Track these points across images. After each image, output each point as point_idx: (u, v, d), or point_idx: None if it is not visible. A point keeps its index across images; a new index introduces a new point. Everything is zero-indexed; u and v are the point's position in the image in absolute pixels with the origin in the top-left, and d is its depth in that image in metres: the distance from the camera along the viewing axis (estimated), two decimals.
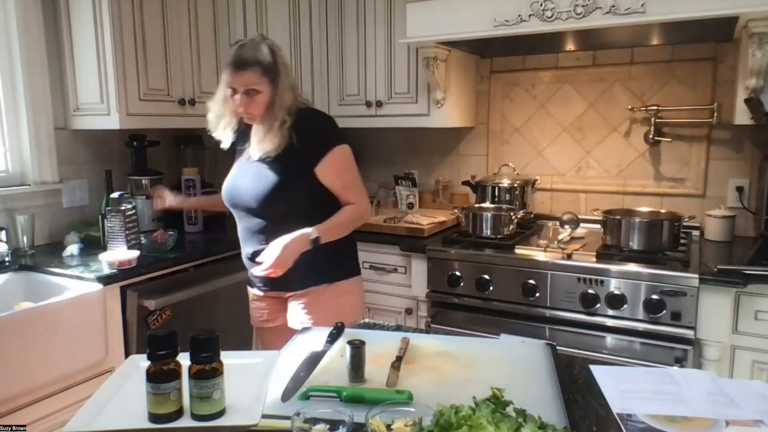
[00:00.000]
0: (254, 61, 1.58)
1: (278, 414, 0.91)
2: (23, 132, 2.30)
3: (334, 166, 1.67)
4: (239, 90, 1.60)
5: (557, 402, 0.95)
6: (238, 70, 1.58)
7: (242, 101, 1.60)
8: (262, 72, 1.59)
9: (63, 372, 1.78)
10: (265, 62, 1.59)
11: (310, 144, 1.64)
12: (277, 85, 1.61)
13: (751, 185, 2.35)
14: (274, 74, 1.61)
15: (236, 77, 1.59)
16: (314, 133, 1.67)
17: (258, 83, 1.59)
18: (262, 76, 1.59)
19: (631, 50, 2.52)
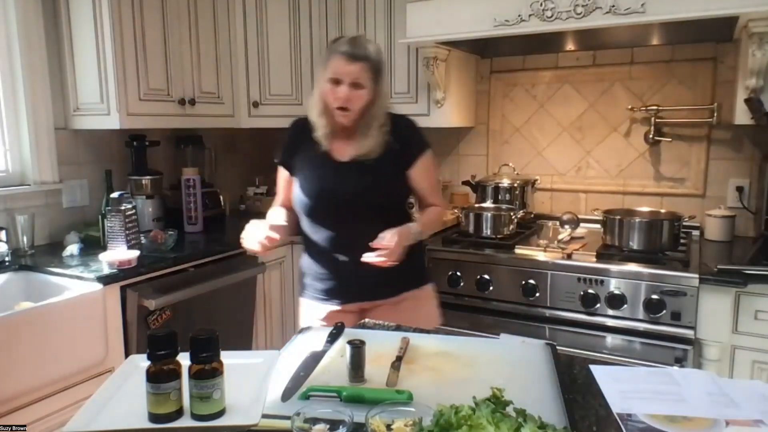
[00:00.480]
0: (365, 55, 1.57)
1: (278, 414, 0.91)
2: (23, 132, 2.30)
3: (426, 168, 1.71)
4: (345, 81, 1.56)
5: (557, 402, 0.95)
6: (351, 60, 1.55)
7: (347, 93, 1.56)
8: (371, 68, 1.58)
9: (63, 372, 1.78)
10: (374, 59, 1.59)
11: (407, 146, 1.67)
12: (379, 85, 1.62)
13: (751, 185, 2.35)
14: (378, 73, 1.61)
15: (347, 67, 1.55)
16: (410, 135, 1.70)
17: (364, 78, 1.57)
18: (369, 72, 1.58)
19: (631, 50, 2.52)
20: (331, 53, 1.59)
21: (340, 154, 1.65)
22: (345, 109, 1.58)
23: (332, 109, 1.60)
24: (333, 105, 1.59)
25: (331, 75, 1.57)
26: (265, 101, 2.83)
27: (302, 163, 1.71)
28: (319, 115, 1.65)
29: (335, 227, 1.66)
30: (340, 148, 1.66)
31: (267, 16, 2.77)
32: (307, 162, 1.70)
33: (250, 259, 2.47)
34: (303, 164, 1.71)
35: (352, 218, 1.62)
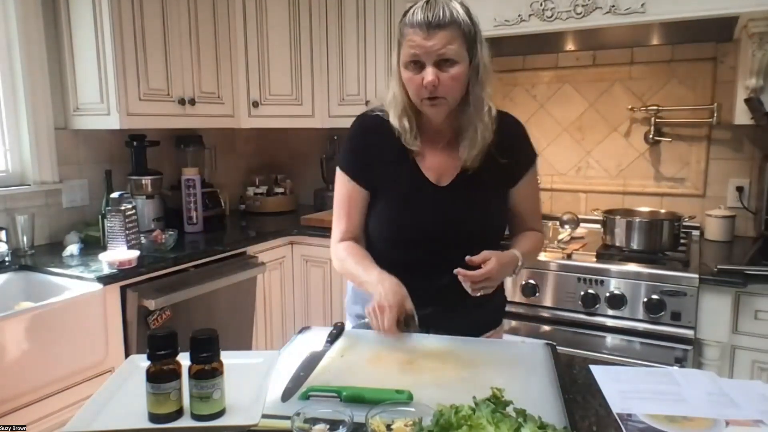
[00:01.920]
0: (450, 19, 1.15)
1: (278, 414, 0.91)
2: (23, 132, 2.30)
3: (532, 185, 1.37)
4: (429, 60, 1.16)
5: (557, 402, 0.95)
6: (432, 30, 1.14)
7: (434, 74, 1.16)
8: (462, 35, 1.17)
9: (63, 372, 1.78)
10: (463, 21, 1.17)
11: (513, 156, 1.29)
12: (477, 58, 1.21)
13: (751, 185, 2.35)
14: (474, 41, 1.20)
15: (428, 41, 1.14)
16: (518, 142, 1.34)
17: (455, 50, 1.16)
18: (460, 40, 1.17)
19: (631, 50, 2.52)
20: (404, 28, 1.19)
21: (438, 173, 1.29)
22: (436, 97, 1.19)
23: (419, 103, 1.22)
24: (420, 96, 1.20)
25: (409, 57, 1.18)
26: (265, 101, 2.83)
27: (385, 180, 1.31)
28: (401, 116, 1.27)
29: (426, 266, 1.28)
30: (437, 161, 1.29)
31: (267, 16, 2.77)
32: (394, 181, 1.30)
33: (250, 259, 2.47)
34: (386, 181, 1.31)
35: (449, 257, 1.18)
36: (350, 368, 1.10)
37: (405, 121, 1.26)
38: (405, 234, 1.30)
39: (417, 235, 1.29)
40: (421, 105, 1.22)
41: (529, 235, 1.36)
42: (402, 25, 1.20)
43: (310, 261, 2.72)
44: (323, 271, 2.69)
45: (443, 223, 1.28)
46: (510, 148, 1.28)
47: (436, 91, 1.18)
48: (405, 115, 1.26)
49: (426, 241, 1.28)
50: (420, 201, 1.29)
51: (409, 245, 1.30)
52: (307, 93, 2.87)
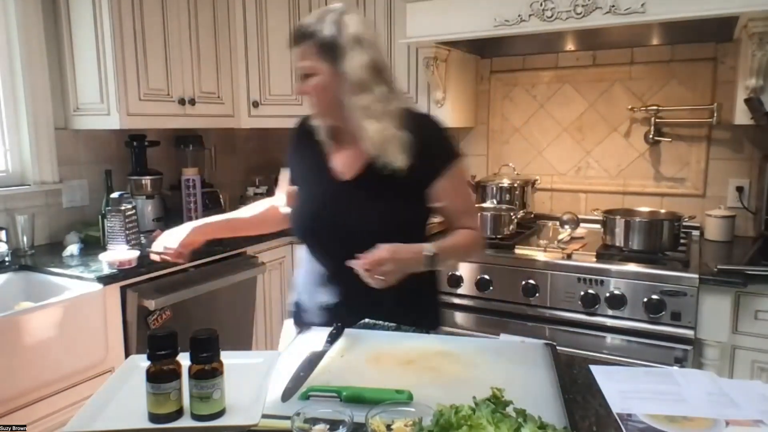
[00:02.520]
0: (306, 32, 1.26)
1: (278, 414, 0.91)
2: (23, 132, 2.30)
3: (455, 184, 1.36)
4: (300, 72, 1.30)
5: (557, 402, 0.95)
6: (294, 45, 1.29)
7: (299, 85, 1.30)
8: (316, 45, 1.26)
9: (63, 372, 1.78)
10: (319, 34, 1.26)
11: (430, 156, 1.32)
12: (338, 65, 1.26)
13: (751, 185, 2.35)
14: (330, 50, 1.26)
15: (294, 55, 1.30)
16: (436, 141, 1.36)
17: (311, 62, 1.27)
18: (315, 51, 1.26)
19: (631, 50, 2.52)
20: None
21: (345, 167, 1.36)
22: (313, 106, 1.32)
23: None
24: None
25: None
26: (265, 101, 2.83)
27: (302, 174, 1.45)
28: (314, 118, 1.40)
29: (332, 259, 1.36)
30: (346, 155, 1.36)
31: (267, 16, 2.77)
32: (307, 173, 1.43)
33: (250, 259, 2.47)
34: (302, 175, 1.44)
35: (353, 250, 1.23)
36: (350, 368, 1.10)
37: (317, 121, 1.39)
38: (306, 224, 1.39)
39: (316, 226, 1.36)
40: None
41: (458, 232, 1.38)
42: None
43: None
44: None
45: (342, 215, 1.33)
46: (423, 149, 1.30)
47: (307, 100, 1.31)
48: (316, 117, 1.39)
49: (326, 233, 1.35)
50: (321, 193, 1.37)
51: (313, 237, 1.39)
52: None
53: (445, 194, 1.35)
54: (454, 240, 1.36)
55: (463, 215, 1.41)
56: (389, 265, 1.20)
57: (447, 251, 1.32)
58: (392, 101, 1.30)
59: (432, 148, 1.34)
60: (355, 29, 1.26)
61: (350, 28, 1.26)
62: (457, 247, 1.37)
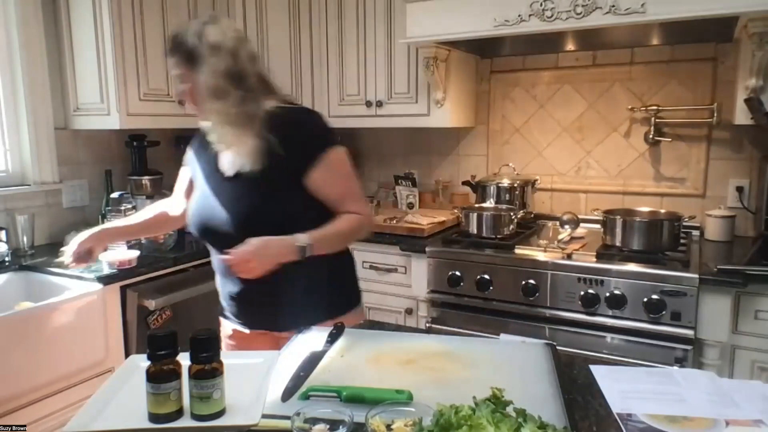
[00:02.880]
0: (174, 45, 1.38)
1: (278, 414, 0.91)
2: (23, 132, 2.30)
3: (330, 173, 1.39)
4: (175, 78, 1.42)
5: (557, 402, 0.95)
6: (168, 56, 1.41)
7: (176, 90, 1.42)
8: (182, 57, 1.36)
9: (63, 372, 1.78)
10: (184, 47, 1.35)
11: (297, 148, 1.37)
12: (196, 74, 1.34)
13: (751, 185, 2.35)
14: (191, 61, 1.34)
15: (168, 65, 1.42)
16: (301, 134, 1.40)
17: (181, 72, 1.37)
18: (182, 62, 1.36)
19: (631, 50, 2.52)
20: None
21: (226, 167, 1.44)
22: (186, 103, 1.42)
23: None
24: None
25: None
26: None
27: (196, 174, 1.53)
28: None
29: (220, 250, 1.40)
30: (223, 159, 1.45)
31: (267, 16, 2.77)
32: (200, 173, 1.51)
33: None
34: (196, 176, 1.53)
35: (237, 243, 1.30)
36: (350, 368, 1.10)
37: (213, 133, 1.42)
38: (196, 221, 1.47)
39: (205, 223, 1.44)
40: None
41: (340, 217, 1.41)
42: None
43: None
44: None
45: (224, 211, 1.39)
46: (293, 141, 1.36)
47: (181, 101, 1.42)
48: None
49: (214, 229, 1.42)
50: (208, 191, 1.45)
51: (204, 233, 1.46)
52: (307, 93, 2.87)
53: (321, 183, 1.38)
54: (332, 227, 1.39)
55: (345, 201, 1.42)
56: (253, 259, 1.27)
57: (323, 239, 1.35)
58: (250, 105, 1.35)
59: (300, 140, 1.38)
60: (214, 38, 1.33)
61: (209, 38, 1.33)
62: (335, 233, 1.39)
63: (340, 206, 1.42)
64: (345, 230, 1.42)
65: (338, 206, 1.42)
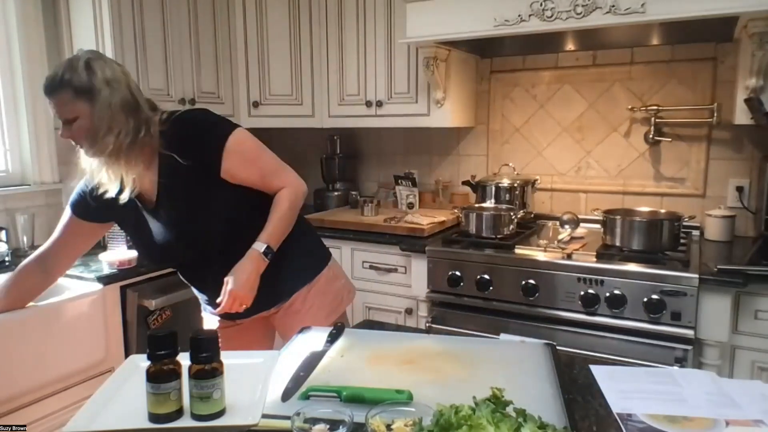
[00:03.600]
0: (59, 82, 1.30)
1: (278, 414, 0.91)
2: (23, 132, 2.30)
3: (239, 159, 1.39)
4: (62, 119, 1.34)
5: (557, 402, 0.95)
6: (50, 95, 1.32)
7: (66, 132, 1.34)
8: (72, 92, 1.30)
9: (63, 372, 1.78)
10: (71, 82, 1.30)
11: (200, 152, 1.37)
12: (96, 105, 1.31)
13: (751, 185, 2.35)
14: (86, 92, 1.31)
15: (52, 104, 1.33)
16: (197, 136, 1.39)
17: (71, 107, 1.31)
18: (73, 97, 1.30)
19: (631, 50, 2.52)
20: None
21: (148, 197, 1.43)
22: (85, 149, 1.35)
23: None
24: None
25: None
26: (265, 101, 2.83)
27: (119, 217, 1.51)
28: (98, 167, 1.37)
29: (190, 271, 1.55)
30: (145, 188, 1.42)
31: (267, 16, 2.77)
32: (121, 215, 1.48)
33: None
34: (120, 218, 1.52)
35: (198, 258, 1.46)
36: (350, 368, 1.10)
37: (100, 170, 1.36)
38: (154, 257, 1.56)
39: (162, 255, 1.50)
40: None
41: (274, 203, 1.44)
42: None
43: None
44: None
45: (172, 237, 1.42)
46: (191, 147, 1.36)
47: (73, 142, 1.34)
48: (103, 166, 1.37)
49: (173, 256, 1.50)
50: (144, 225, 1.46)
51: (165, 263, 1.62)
52: (307, 93, 2.87)
53: (237, 172, 1.39)
54: (275, 215, 1.42)
55: (267, 178, 1.45)
56: (240, 293, 1.35)
57: (275, 231, 1.41)
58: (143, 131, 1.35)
59: (198, 143, 1.38)
60: (103, 74, 1.33)
61: (102, 72, 1.32)
62: (282, 219, 1.43)
63: (265, 186, 1.45)
64: (286, 211, 1.45)
65: (264, 187, 1.45)
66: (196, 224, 1.41)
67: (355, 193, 3.03)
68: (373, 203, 2.76)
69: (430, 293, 2.29)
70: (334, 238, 2.58)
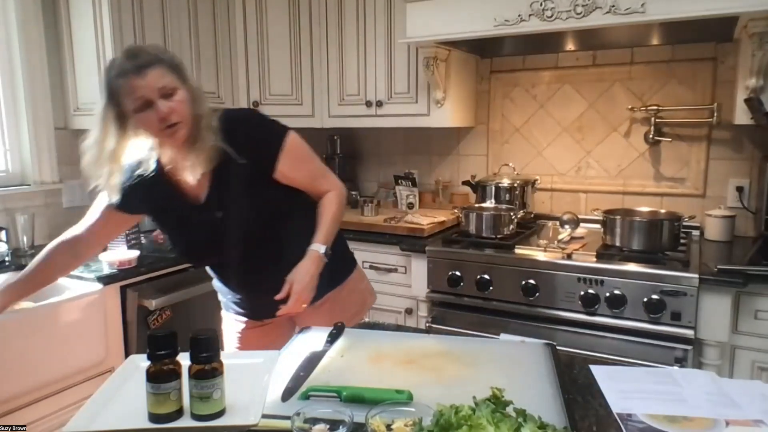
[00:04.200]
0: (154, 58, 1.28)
1: (278, 414, 0.91)
2: (23, 132, 2.30)
3: (293, 161, 1.41)
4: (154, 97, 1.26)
5: (557, 402, 0.95)
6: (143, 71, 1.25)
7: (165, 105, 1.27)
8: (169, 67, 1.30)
9: (63, 372, 1.78)
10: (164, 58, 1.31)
11: (253, 151, 1.37)
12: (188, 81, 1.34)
13: (751, 185, 2.35)
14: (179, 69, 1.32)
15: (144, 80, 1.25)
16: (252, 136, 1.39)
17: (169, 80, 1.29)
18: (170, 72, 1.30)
19: (631, 50, 2.52)
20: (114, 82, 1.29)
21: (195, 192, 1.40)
22: (173, 124, 1.29)
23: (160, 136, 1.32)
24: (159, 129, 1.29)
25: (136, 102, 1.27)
26: (265, 101, 2.83)
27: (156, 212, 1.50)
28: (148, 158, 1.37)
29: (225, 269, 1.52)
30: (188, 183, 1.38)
31: (267, 16, 2.77)
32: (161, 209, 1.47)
33: None
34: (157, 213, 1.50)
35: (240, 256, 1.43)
36: (350, 368, 1.10)
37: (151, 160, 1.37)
38: (194, 254, 1.54)
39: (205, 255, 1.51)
40: (161, 137, 1.32)
41: (322, 205, 1.47)
42: (110, 81, 1.30)
43: None
44: None
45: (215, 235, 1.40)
46: (246, 145, 1.36)
47: (172, 118, 1.29)
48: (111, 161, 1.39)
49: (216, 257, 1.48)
50: (188, 222, 1.42)
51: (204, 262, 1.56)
52: (307, 93, 2.87)
53: (289, 173, 1.41)
54: (327, 216, 1.45)
55: (316, 181, 1.48)
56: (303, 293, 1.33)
57: (329, 233, 1.44)
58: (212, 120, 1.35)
59: (254, 143, 1.38)
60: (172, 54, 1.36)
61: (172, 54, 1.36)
62: (333, 220, 1.46)
63: (313, 188, 1.48)
64: (337, 212, 1.49)
65: (312, 188, 1.48)
66: (243, 222, 1.39)
67: (355, 193, 3.03)
68: (373, 203, 2.76)
69: (430, 293, 2.29)
70: None
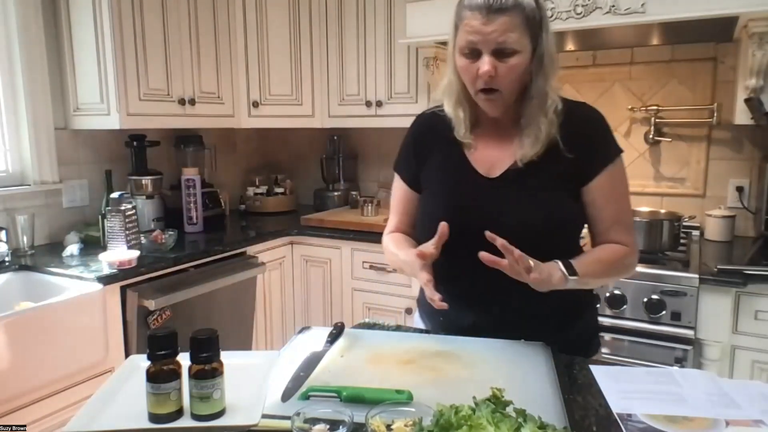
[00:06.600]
0: (514, 3, 1.04)
1: (278, 414, 0.91)
2: (23, 132, 2.30)
3: (612, 186, 1.17)
4: (486, 48, 1.06)
5: (557, 402, 0.95)
6: (491, 14, 1.03)
7: (491, 65, 1.06)
8: (523, 20, 1.06)
9: (63, 372, 1.78)
10: (526, 5, 1.06)
11: (585, 151, 1.14)
12: (540, 46, 1.10)
13: (751, 185, 2.35)
14: (537, 27, 1.08)
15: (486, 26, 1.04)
16: (593, 135, 1.18)
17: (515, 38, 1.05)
18: (522, 27, 1.06)
19: (631, 50, 2.52)
20: (462, 10, 1.09)
21: (489, 165, 1.19)
22: (491, 90, 1.10)
23: (474, 94, 1.13)
24: (475, 87, 1.11)
25: (465, 44, 1.08)
26: (265, 101, 2.83)
27: (432, 175, 1.25)
28: (455, 106, 1.19)
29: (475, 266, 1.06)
30: (489, 154, 1.19)
31: (267, 16, 2.77)
32: (441, 173, 1.24)
33: (249, 259, 2.47)
34: (433, 176, 1.25)
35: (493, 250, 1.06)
36: (350, 368, 1.10)
37: (459, 111, 1.18)
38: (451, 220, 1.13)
39: (458, 229, 1.12)
40: (476, 96, 1.13)
41: (606, 247, 1.17)
42: (460, 6, 1.09)
43: (310, 261, 2.72)
44: (323, 271, 2.69)
45: (487, 216, 1.14)
46: (581, 141, 1.14)
47: (492, 83, 1.08)
48: (459, 105, 1.18)
49: (468, 236, 1.08)
50: (463, 193, 1.20)
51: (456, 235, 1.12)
52: (307, 93, 2.87)
53: (601, 196, 1.17)
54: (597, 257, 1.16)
55: (616, 224, 1.19)
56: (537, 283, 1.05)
57: (588, 270, 1.12)
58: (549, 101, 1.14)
59: (590, 144, 1.16)
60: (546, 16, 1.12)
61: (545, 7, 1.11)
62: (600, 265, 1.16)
63: (606, 229, 1.19)
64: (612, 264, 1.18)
65: (605, 228, 1.19)
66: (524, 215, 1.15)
67: (355, 193, 3.03)
68: (373, 203, 2.76)
69: None
70: (334, 238, 2.58)
